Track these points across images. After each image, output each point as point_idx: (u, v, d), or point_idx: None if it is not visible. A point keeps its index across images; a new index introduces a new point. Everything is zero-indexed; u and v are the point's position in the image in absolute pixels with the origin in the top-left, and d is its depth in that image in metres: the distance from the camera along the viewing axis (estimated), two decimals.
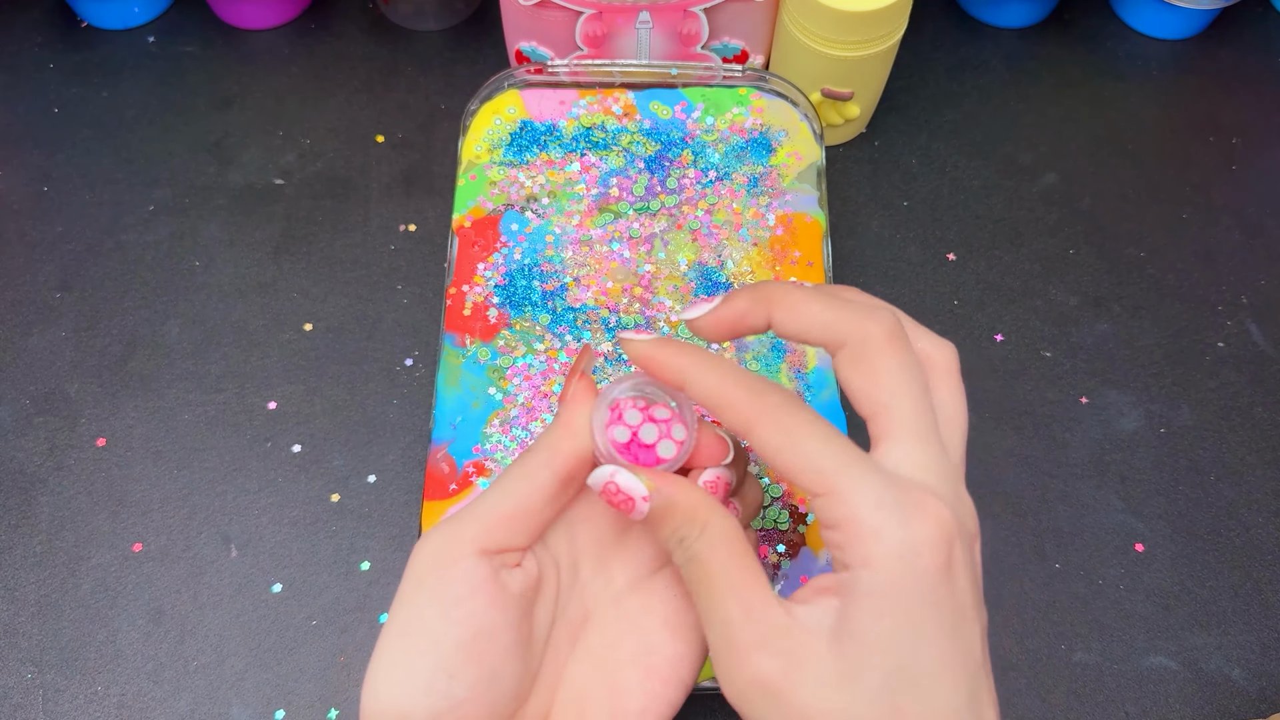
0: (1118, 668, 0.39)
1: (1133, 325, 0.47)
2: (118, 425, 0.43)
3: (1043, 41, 0.55)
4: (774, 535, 0.37)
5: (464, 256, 0.42)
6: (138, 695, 0.38)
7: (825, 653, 0.24)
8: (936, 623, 0.24)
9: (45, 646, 0.39)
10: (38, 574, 0.41)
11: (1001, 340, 0.46)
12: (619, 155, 0.44)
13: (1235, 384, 0.45)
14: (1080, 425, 0.44)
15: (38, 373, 0.45)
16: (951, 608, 0.24)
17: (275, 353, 0.45)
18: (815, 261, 0.42)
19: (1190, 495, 0.43)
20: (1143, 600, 0.41)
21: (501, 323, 0.40)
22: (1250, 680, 0.39)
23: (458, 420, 0.39)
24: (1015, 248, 0.48)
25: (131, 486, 0.42)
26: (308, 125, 0.51)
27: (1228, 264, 0.48)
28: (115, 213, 0.49)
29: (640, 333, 0.29)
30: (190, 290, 0.47)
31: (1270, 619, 0.40)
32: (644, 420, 0.28)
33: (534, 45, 0.48)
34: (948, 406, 0.27)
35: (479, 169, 0.44)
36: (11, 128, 0.51)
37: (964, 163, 0.51)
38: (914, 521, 0.24)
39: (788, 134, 0.44)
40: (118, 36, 0.54)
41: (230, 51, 0.54)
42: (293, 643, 0.39)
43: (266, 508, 0.42)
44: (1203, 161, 0.51)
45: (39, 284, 0.47)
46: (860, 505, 0.24)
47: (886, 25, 0.44)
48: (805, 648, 0.24)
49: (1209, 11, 0.53)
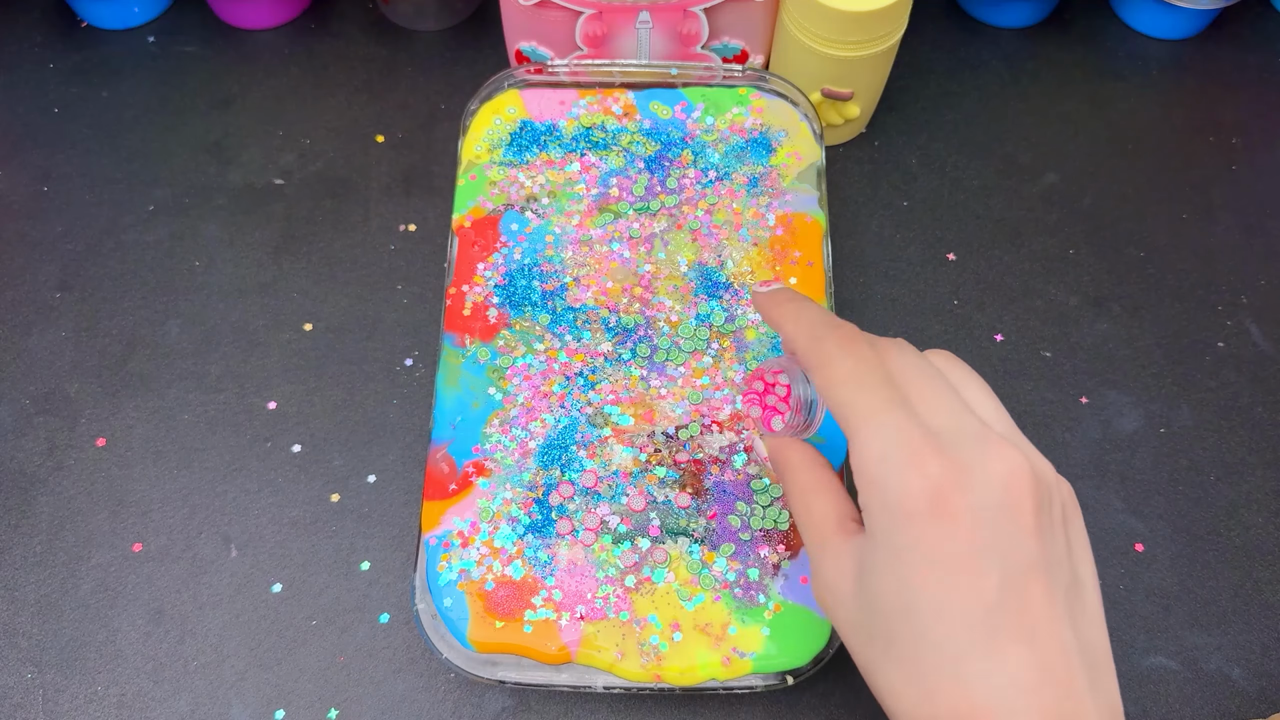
0: (1118, 668, 0.39)
1: (1133, 325, 0.47)
2: (118, 425, 0.43)
3: (1043, 41, 0.55)
4: (774, 535, 0.37)
5: (464, 256, 0.42)
6: (138, 695, 0.38)
7: (851, 592, 0.28)
8: (928, 569, 0.26)
9: (45, 646, 0.39)
10: (38, 574, 0.41)
11: (1001, 340, 0.46)
12: (619, 155, 0.44)
13: (1235, 384, 0.45)
14: (1080, 425, 0.44)
15: (38, 373, 0.45)
16: (949, 552, 0.26)
17: (275, 353, 0.45)
18: (815, 261, 0.42)
19: (1190, 495, 0.43)
20: (1143, 600, 0.41)
21: (501, 323, 0.40)
22: (1250, 680, 0.39)
23: (457, 420, 0.39)
24: (1015, 248, 0.48)
25: (131, 486, 0.42)
26: (308, 125, 0.51)
27: (1228, 264, 0.48)
28: (115, 213, 0.49)
29: (766, 284, 0.35)
30: (190, 290, 0.47)
31: (1270, 619, 0.40)
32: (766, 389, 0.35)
33: (534, 45, 0.48)
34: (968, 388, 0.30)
35: (479, 169, 0.44)
36: (11, 128, 0.51)
37: (964, 163, 0.51)
38: (910, 472, 0.26)
39: (788, 134, 0.44)
40: (118, 36, 0.54)
41: (230, 51, 0.54)
42: (293, 643, 0.39)
43: (266, 508, 0.42)
44: (1203, 161, 0.51)
45: (39, 284, 0.47)
46: (865, 458, 0.27)
47: (886, 25, 0.44)
48: (843, 583, 0.28)
49: (1209, 11, 0.53)
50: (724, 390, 0.39)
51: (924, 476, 0.26)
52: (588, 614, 0.35)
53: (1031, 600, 0.26)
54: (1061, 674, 0.26)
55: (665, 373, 0.40)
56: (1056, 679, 0.25)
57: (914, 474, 0.26)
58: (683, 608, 0.36)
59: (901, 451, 0.26)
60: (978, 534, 0.26)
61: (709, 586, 0.36)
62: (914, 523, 0.26)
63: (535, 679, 0.35)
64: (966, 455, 0.26)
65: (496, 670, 0.35)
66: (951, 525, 0.26)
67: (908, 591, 0.26)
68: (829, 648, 0.36)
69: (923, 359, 0.29)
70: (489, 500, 0.37)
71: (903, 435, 0.26)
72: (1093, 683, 0.26)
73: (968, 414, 0.28)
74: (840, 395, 0.28)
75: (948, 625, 0.26)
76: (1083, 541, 0.28)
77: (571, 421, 0.39)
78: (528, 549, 0.36)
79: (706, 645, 0.35)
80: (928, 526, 0.26)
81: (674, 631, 0.35)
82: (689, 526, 0.37)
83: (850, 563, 0.28)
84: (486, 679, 0.35)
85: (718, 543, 0.37)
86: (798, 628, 0.35)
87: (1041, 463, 0.28)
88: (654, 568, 0.36)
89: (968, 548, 0.25)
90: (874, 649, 0.27)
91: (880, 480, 0.26)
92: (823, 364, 0.29)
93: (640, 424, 0.39)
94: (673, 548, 0.37)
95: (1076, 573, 0.28)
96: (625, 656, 0.35)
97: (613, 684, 0.35)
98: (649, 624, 0.35)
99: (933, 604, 0.26)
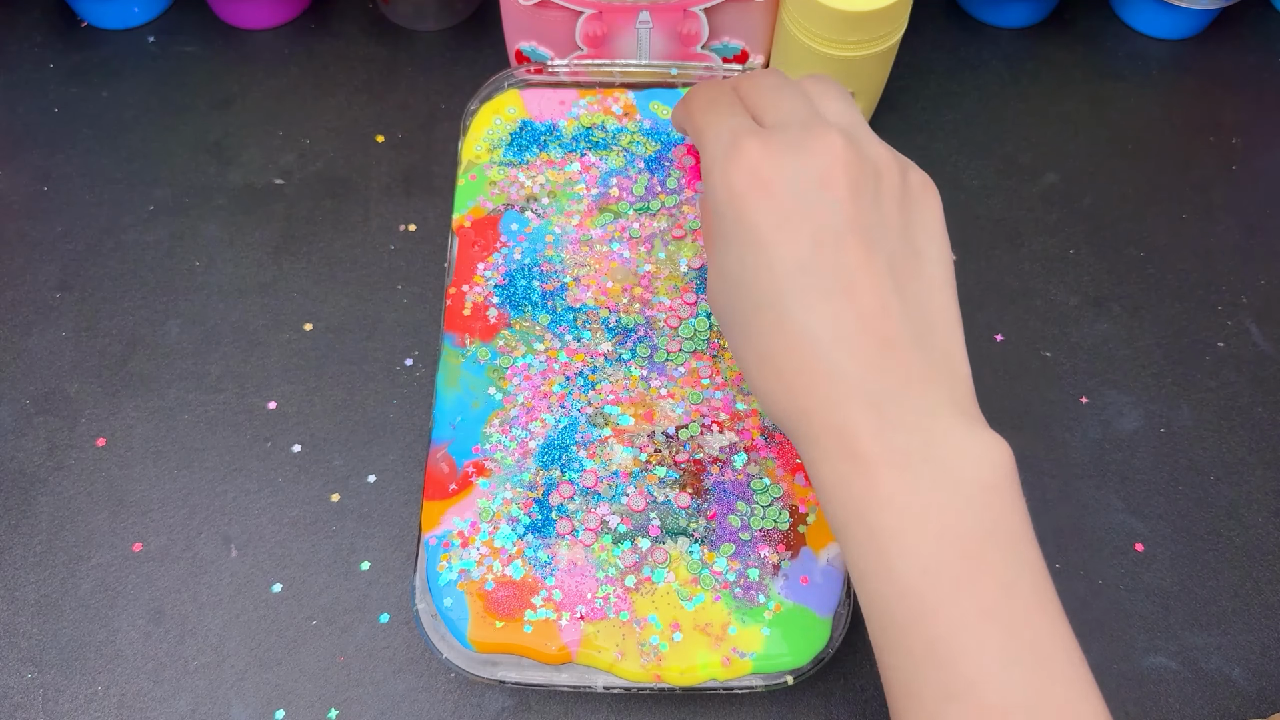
0: (1118, 668, 0.39)
1: (1133, 325, 0.47)
2: (118, 425, 0.43)
3: (1043, 41, 0.55)
4: (774, 535, 0.37)
5: (464, 256, 0.42)
6: (138, 695, 0.38)
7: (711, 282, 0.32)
8: (749, 238, 0.29)
9: (45, 646, 0.39)
10: (38, 574, 0.41)
11: (1001, 340, 0.46)
12: (619, 155, 0.44)
13: (1235, 384, 0.45)
14: (1080, 425, 0.44)
15: (38, 373, 0.45)
16: (764, 222, 0.29)
17: (275, 353, 0.45)
18: None
19: (1190, 495, 0.43)
20: (1143, 600, 0.41)
21: (501, 323, 0.40)
22: (1250, 680, 0.39)
23: (457, 420, 0.39)
24: (1015, 248, 0.48)
25: (131, 486, 0.42)
26: (308, 125, 0.51)
27: (1228, 264, 0.48)
28: (115, 213, 0.49)
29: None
30: (190, 290, 0.47)
31: (1270, 619, 0.40)
32: None
33: (534, 45, 0.48)
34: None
35: (479, 169, 0.44)
36: (11, 128, 0.51)
37: (964, 163, 0.51)
38: (733, 161, 0.29)
39: None
40: (118, 36, 0.54)
41: (230, 51, 0.54)
42: (293, 643, 0.39)
43: (266, 508, 0.42)
44: (1203, 161, 0.51)
45: (39, 284, 0.47)
46: (705, 165, 0.31)
47: (886, 25, 0.44)
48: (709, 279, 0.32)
49: (1209, 11, 0.53)
50: (724, 390, 0.39)
51: (746, 161, 0.29)
52: (588, 614, 0.35)
53: (846, 258, 0.28)
54: (879, 326, 0.27)
55: (665, 373, 0.40)
56: (873, 329, 0.27)
57: (736, 162, 0.29)
58: (683, 608, 0.36)
59: (729, 148, 0.30)
60: (789, 202, 0.29)
61: (709, 586, 0.36)
62: (735, 204, 0.29)
63: (535, 679, 0.35)
64: (789, 138, 0.29)
65: (496, 670, 0.35)
66: (767, 199, 0.29)
67: (739, 266, 0.29)
68: (829, 648, 0.36)
69: (779, 76, 0.33)
70: (489, 500, 0.37)
71: (733, 135, 0.30)
72: (920, 340, 0.28)
73: (805, 110, 0.31)
74: (694, 124, 0.33)
75: (771, 286, 0.28)
76: (931, 223, 0.31)
77: (571, 421, 0.39)
78: (528, 549, 0.36)
79: (706, 646, 0.35)
80: (747, 203, 0.29)
81: (674, 632, 0.35)
82: (689, 526, 0.37)
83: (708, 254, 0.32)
84: (486, 679, 0.35)
85: (718, 543, 0.37)
86: (798, 628, 0.35)
87: (876, 148, 0.30)
88: (654, 568, 0.36)
89: (779, 216, 0.29)
90: (734, 333, 0.31)
91: (710, 175, 0.30)
92: (684, 102, 0.34)
93: (640, 424, 0.39)
94: (673, 548, 0.37)
95: (915, 245, 0.30)
96: (625, 657, 0.35)
97: (613, 684, 0.35)
98: (649, 624, 0.35)
99: (755, 268, 0.29)
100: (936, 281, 0.30)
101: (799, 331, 0.28)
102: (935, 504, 0.26)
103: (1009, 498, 0.27)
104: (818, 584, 0.36)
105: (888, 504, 0.27)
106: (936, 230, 0.31)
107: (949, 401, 0.28)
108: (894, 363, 0.28)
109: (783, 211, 0.29)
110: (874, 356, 0.27)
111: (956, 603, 0.26)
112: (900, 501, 0.27)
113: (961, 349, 0.30)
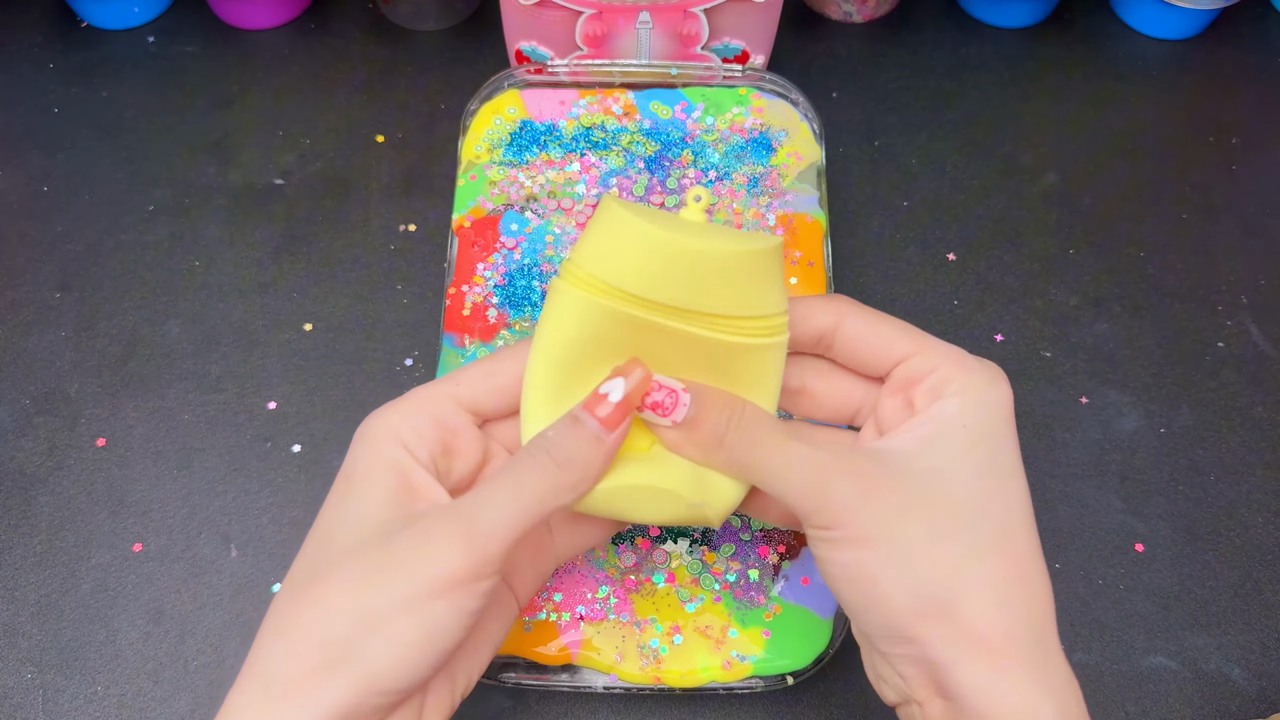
0: (1117, 668, 0.39)
1: (1133, 325, 0.47)
2: (118, 425, 0.43)
3: (1043, 41, 0.55)
4: (774, 536, 0.37)
5: (464, 256, 0.42)
6: (138, 695, 0.38)
7: (891, 481, 0.27)
8: (984, 464, 0.28)
9: (45, 646, 0.39)
10: (38, 574, 0.41)
11: (1001, 340, 0.46)
12: (619, 155, 0.44)
13: (1235, 384, 0.45)
14: (1080, 425, 0.44)
15: (38, 373, 0.45)
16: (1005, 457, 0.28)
17: (275, 353, 0.45)
18: (815, 261, 0.42)
19: (1190, 495, 0.43)
20: (1143, 600, 0.41)
21: (501, 323, 0.40)
22: (1250, 680, 0.39)
23: None
24: (1015, 248, 0.48)
25: (131, 486, 0.42)
26: (308, 125, 0.51)
27: (1228, 264, 0.48)
28: (115, 213, 0.49)
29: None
30: (190, 290, 0.47)
31: (1270, 619, 0.40)
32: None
33: (534, 45, 0.48)
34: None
35: (479, 169, 0.44)
36: (11, 128, 0.51)
37: (964, 163, 0.51)
38: (996, 380, 0.29)
39: (788, 134, 0.44)
40: (118, 36, 0.54)
41: (230, 51, 0.54)
42: None
43: (266, 508, 0.42)
44: (1203, 161, 0.51)
45: (39, 284, 0.47)
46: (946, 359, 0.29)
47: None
48: (877, 472, 0.28)
49: (1209, 11, 0.53)
50: None
51: (1006, 387, 0.29)
52: (588, 615, 0.35)
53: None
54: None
55: None
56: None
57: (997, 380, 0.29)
58: (683, 609, 0.36)
59: (997, 374, 0.29)
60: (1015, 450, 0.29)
61: (709, 588, 0.36)
62: (991, 424, 0.29)
63: (535, 679, 0.35)
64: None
65: (496, 670, 0.35)
66: (1003, 435, 0.29)
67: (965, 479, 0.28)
68: (829, 648, 0.36)
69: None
70: None
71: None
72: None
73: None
74: (889, 330, 0.31)
75: (984, 519, 0.28)
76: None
77: None
78: None
79: (707, 649, 0.35)
80: (988, 432, 0.28)
81: (674, 634, 0.35)
82: (689, 527, 0.37)
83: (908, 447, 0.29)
84: (486, 679, 0.35)
85: (718, 544, 0.37)
86: (798, 629, 0.35)
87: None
88: (654, 569, 0.36)
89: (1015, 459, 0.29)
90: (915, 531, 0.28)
91: (962, 377, 0.29)
92: (856, 313, 0.32)
93: None
94: (673, 549, 0.37)
95: None
96: (625, 659, 0.35)
97: (613, 684, 0.35)
98: (649, 625, 0.35)
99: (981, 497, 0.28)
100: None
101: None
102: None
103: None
104: (818, 585, 0.36)
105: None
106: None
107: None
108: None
109: (1011, 460, 0.29)
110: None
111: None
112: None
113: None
